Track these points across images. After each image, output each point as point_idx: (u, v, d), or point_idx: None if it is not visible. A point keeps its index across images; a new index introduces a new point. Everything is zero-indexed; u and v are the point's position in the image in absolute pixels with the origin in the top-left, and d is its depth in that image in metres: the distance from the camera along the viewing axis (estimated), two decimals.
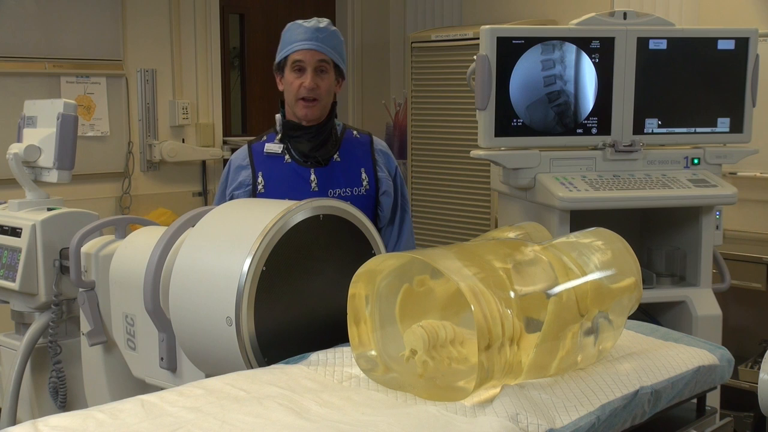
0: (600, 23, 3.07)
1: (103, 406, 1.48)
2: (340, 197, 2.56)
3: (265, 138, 2.71)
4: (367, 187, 2.65)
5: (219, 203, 2.58)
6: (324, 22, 2.62)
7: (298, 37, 2.61)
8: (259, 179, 2.61)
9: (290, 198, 2.38)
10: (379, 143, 2.76)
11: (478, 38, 3.04)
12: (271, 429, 1.38)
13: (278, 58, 2.71)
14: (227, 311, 1.73)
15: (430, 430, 1.40)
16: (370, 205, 2.65)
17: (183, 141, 4.96)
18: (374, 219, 2.67)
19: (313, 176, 2.59)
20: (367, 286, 1.63)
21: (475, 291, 1.47)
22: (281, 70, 2.70)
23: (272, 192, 2.59)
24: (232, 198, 2.63)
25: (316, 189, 2.58)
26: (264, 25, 5.51)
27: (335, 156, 2.64)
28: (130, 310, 2.11)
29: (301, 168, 2.61)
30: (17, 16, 4.27)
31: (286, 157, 2.62)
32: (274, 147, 2.64)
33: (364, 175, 2.65)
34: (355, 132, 2.73)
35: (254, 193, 2.61)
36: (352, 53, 5.79)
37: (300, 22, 2.63)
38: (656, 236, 3.31)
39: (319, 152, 2.61)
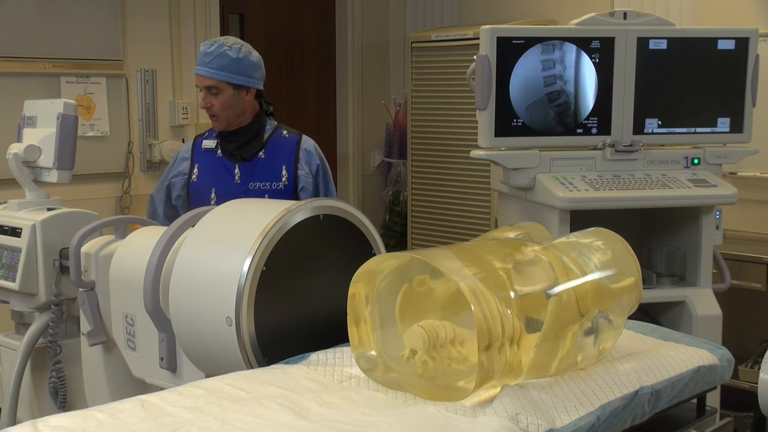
0: (600, 23, 3.07)
1: (103, 406, 1.49)
2: (260, 190, 2.94)
3: (206, 134, 3.10)
4: (286, 182, 2.98)
5: (160, 187, 3.06)
6: (215, 44, 2.91)
7: (197, 60, 2.96)
8: (195, 170, 3.01)
9: (215, 187, 2.89)
10: (307, 143, 3.06)
11: (478, 38, 3.04)
12: (271, 429, 1.38)
13: None
14: (227, 311, 1.73)
15: (430, 430, 1.40)
16: (288, 199, 2.92)
17: (183, 141, 4.95)
18: None
19: (237, 170, 2.96)
20: (367, 286, 1.63)
21: (475, 291, 1.47)
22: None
23: (202, 181, 2.98)
24: (170, 184, 3.05)
25: (239, 181, 2.95)
26: (264, 25, 5.51)
27: (260, 153, 2.99)
28: (130, 310, 2.11)
29: (228, 162, 2.98)
30: (17, 16, 4.27)
31: (218, 151, 3.01)
32: (209, 143, 3.03)
33: (284, 172, 2.98)
34: (285, 132, 3.05)
35: (189, 182, 3.01)
36: (352, 53, 5.79)
37: (203, 43, 2.96)
38: (656, 236, 3.31)
39: (241, 150, 2.98)
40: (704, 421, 1.85)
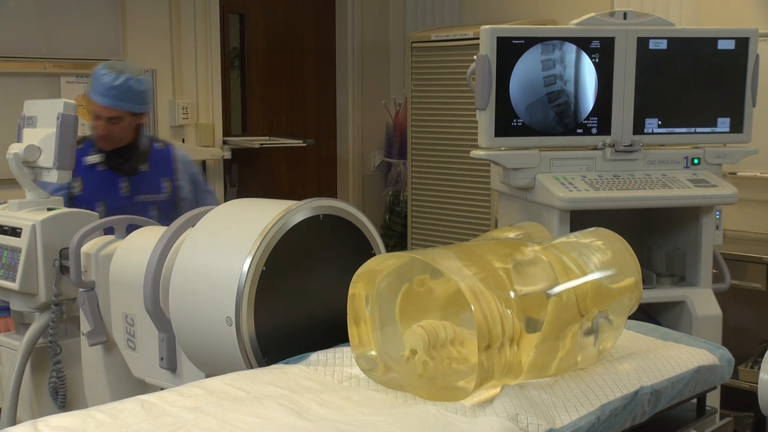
0: (600, 23, 3.07)
1: (103, 406, 1.48)
2: (146, 202, 3.10)
3: (82, 146, 3.08)
4: (170, 193, 3.16)
5: None
6: (121, 77, 2.99)
7: (98, 89, 3.03)
8: (77, 183, 3.05)
9: (103, 200, 2.98)
10: (179, 152, 3.27)
11: (478, 38, 3.04)
12: (271, 429, 1.38)
13: (87, 95, 3.14)
14: (227, 311, 1.73)
15: (430, 430, 1.40)
16: (171, 208, 3.15)
17: (183, 141, 4.96)
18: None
19: (124, 183, 3.10)
20: (367, 286, 1.63)
21: (475, 291, 1.47)
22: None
23: (88, 195, 3.05)
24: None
25: (127, 194, 3.09)
26: (264, 25, 5.51)
27: (144, 166, 3.14)
28: (130, 310, 2.11)
29: (114, 175, 3.10)
30: (17, 16, 4.27)
31: (102, 165, 3.10)
32: (94, 158, 3.09)
33: (167, 183, 3.17)
34: (158, 144, 3.24)
35: (71, 195, 3.02)
36: (352, 53, 5.79)
37: (103, 71, 3.03)
38: (656, 236, 3.31)
39: (126, 165, 3.12)
40: (704, 421, 1.85)
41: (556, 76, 3.05)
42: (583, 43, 3.04)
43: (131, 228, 2.32)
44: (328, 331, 1.82)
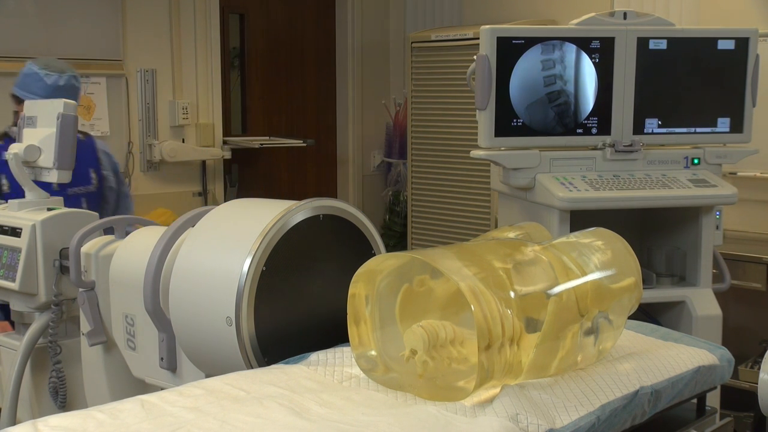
0: (600, 23, 3.07)
1: (103, 406, 1.49)
2: (76, 195, 3.08)
3: (2, 143, 3.07)
4: (97, 184, 3.19)
5: None
6: (64, 76, 3.01)
7: (40, 89, 2.99)
8: (3, 180, 3.02)
9: None
10: (101, 144, 3.30)
11: (478, 38, 3.04)
12: (271, 429, 1.38)
13: (18, 94, 3.08)
14: (227, 311, 1.73)
15: (430, 430, 1.40)
16: (99, 199, 3.20)
17: (183, 141, 4.96)
18: (100, 209, 3.12)
19: None
20: (367, 286, 1.63)
21: (475, 291, 1.47)
22: (21, 103, 3.02)
23: (16, 191, 2.85)
24: None
25: (57, 189, 2.90)
26: (264, 25, 5.51)
27: None
28: (130, 310, 2.11)
29: None
30: (17, 16, 4.27)
31: None
32: None
33: (93, 175, 3.18)
34: (80, 135, 3.07)
35: (1, 193, 2.98)
36: (352, 53, 5.79)
37: (44, 71, 3.03)
38: (656, 236, 3.31)
39: None
40: (704, 421, 1.85)
41: (556, 76, 3.05)
42: (583, 43, 3.04)
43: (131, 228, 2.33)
44: (328, 331, 1.82)
